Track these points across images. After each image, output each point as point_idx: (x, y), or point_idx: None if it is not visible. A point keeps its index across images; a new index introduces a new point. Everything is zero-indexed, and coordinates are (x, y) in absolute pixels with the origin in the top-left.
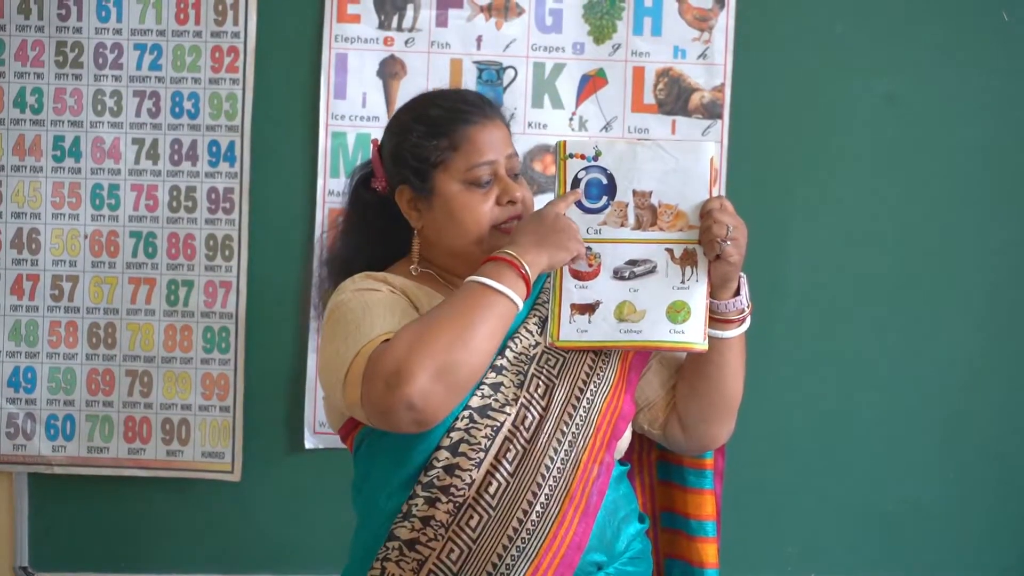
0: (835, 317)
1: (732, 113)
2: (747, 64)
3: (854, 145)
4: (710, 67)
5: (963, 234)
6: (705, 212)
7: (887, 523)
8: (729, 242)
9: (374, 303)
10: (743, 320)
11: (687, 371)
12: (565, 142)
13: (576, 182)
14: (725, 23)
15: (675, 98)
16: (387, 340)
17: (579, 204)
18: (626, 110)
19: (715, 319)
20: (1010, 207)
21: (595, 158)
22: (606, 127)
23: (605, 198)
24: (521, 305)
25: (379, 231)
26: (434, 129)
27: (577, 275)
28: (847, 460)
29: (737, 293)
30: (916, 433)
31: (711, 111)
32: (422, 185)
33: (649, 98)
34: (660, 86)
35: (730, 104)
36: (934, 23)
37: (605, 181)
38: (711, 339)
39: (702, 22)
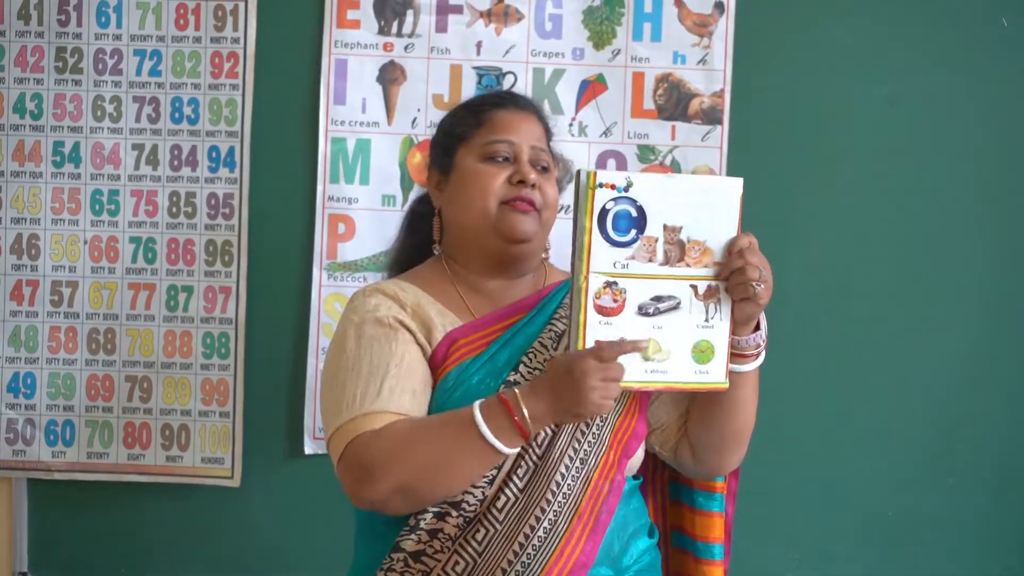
0: (835, 323)
1: (732, 118)
2: (747, 69)
3: (854, 149)
4: (710, 72)
5: (963, 238)
6: (735, 251)
7: (888, 527)
8: (762, 285)
9: (368, 355)
10: (759, 354)
11: (700, 401)
12: (595, 172)
13: (604, 212)
14: (725, 28)
15: (675, 103)
16: (370, 427)
17: (607, 237)
18: (626, 115)
19: (733, 353)
20: (1010, 210)
21: (626, 189)
22: (606, 132)
23: (634, 231)
24: (508, 454)
25: (424, 238)
26: (468, 110)
27: (602, 310)
28: (848, 465)
29: (756, 328)
30: (917, 438)
31: (711, 116)
32: (445, 161)
33: (649, 103)
34: (660, 91)
35: (730, 109)
36: (934, 28)
37: (635, 214)
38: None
39: (702, 27)
